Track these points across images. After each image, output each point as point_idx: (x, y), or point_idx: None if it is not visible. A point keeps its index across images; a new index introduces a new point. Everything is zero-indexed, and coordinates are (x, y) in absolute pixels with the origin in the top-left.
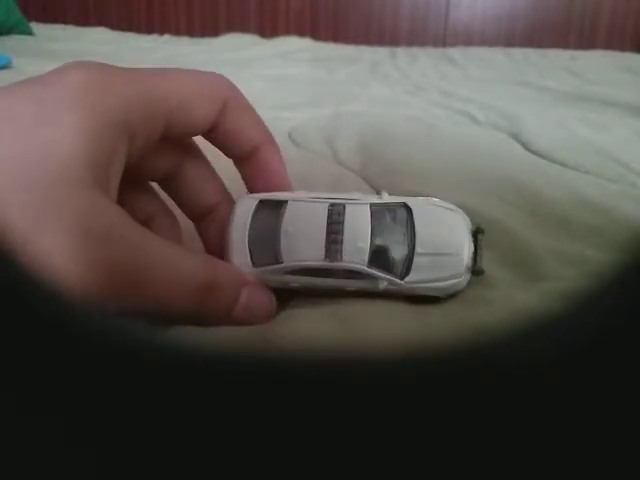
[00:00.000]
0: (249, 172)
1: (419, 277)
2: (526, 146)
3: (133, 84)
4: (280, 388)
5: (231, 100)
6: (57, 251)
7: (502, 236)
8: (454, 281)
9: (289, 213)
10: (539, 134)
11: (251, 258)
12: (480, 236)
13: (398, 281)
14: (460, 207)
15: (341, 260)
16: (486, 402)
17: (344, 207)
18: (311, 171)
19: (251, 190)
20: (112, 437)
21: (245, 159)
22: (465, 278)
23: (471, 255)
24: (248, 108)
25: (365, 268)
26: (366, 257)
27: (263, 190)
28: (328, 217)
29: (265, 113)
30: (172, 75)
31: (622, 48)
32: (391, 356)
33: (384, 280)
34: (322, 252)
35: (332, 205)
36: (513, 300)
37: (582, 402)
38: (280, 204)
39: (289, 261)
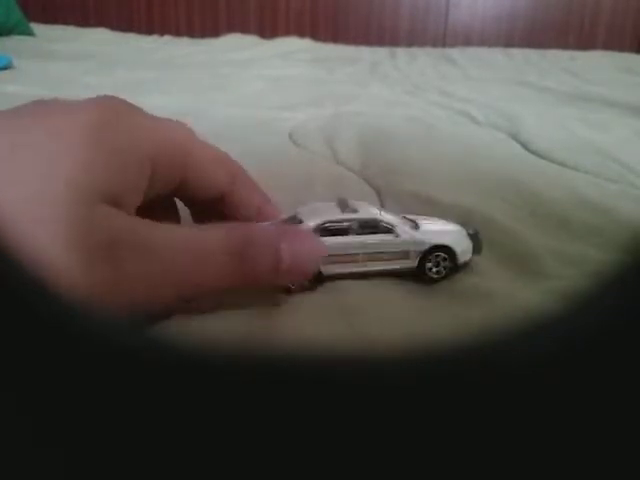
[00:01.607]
0: (227, 209)
1: (429, 228)
2: (526, 146)
3: (160, 132)
4: (279, 388)
5: (238, 174)
6: (64, 260)
7: (502, 236)
8: (460, 236)
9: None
10: (539, 134)
11: None
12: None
13: (412, 231)
14: (460, 207)
15: (357, 212)
16: (486, 402)
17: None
18: (311, 171)
19: None
20: (112, 437)
21: (219, 201)
22: (468, 245)
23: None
24: (249, 178)
25: (380, 215)
26: (379, 210)
27: None
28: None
29: (265, 113)
30: (193, 137)
31: (621, 48)
32: (391, 355)
33: (400, 227)
34: (338, 211)
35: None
36: (513, 299)
37: (582, 402)
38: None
39: (309, 220)
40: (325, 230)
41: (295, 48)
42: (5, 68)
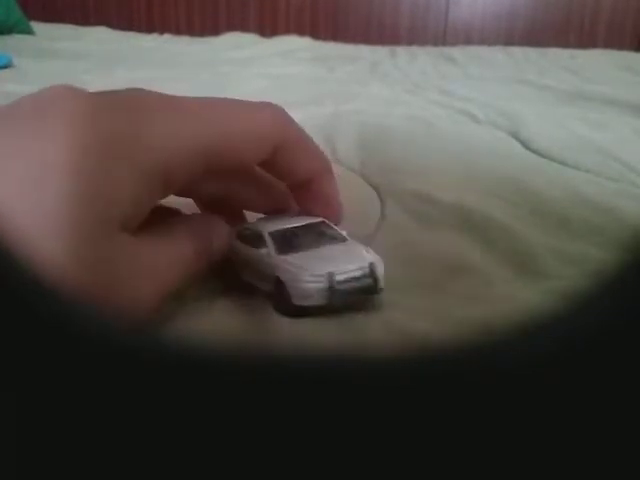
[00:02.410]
0: (302, 199)
1: (288, 261)
2: (526, 145)
3: (174, 137)
4: (277, 388)
5: (284, 140)
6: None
7: (502, 235)
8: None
9: None
10: (539, 133)
11: None
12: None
13: (274, 254)
14: (459, 206)
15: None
16: (485, 402)
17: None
18: None
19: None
20: (111, 437)
21: (298, 187)
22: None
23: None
24: (303, 142)
25: (266, 233)
26: (275, 229)
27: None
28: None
29: None
30: (219, 112)
31: (622, 47)
32: (391, 356)
33: (267, 248)
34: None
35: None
36: (513, 299)
37: (582, 402)
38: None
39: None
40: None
41: (295, 47)
42: (5, 67)
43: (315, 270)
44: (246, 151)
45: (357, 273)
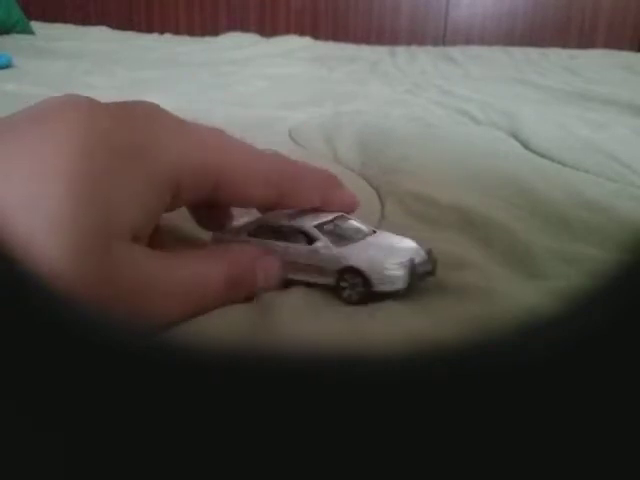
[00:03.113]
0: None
1: (361, 246)
2: (526, 145)
3: (186, 153)
4: (278, 387)
5: (287, 184)
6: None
7: (501, 235)
8: (392, 262)
9: None
10: (539, 133)
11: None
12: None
13: (334, 247)
14: (459, 206)
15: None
16: (485, 402)
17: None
18: None
19: None
20: (112, 437)
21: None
22: (399, 273)
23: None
24: (304, 181)
25: (312, 228)
26: (315, 223)
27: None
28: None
29: (265, 112)
30: (228, 149)
31: (621, 47)
32: (391, 356)
33: (322, 241)
34: (284, 218)
35: None
36: (512, 299)
37: (582, 402)
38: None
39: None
40: (258, 231)
41: (295, 46)
42: (5, 67)
43: (397, 258)
44: (252, 188)
45: (422, 258)
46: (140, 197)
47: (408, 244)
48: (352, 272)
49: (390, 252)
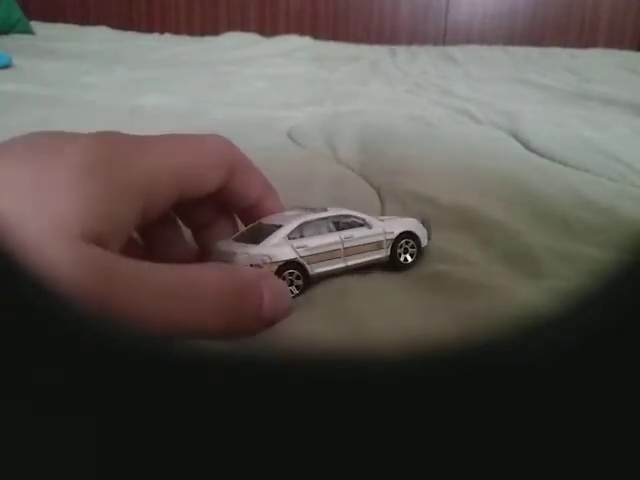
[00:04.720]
0: (251, 220)
1: (390, 221)
2: (526, 145)
3: (152, 165)
4: (283, 389)
5: (234, 164)
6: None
7: (501, 234)
8: (417, 224)
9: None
10: (539, 133)
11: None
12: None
13: (380, 222)
14: (459, 206)
15: (327, 211)
16: (486, 402)
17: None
18: (311, 170)
19: None
20: (114, 437)
21: (248, 211)
22: (424, 232)
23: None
24: (249, 167)
25: (352, 212)
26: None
27: None
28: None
29: (265, 112)
30: (179, 148)
31: (622, 46)
32: (392, 356)
33: (370, 219)
34: (308, 214)
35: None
36: (513, 299)
37: (582, 402)
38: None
39: (287, 224)
40: (304, 231)
41: (295, 46)
42: (5, 67)
43: (415, 220)
44: (206, 180)
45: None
46: (103, 205)
47: (411, 219)
48: (407, 237)
49: (410, 220)
